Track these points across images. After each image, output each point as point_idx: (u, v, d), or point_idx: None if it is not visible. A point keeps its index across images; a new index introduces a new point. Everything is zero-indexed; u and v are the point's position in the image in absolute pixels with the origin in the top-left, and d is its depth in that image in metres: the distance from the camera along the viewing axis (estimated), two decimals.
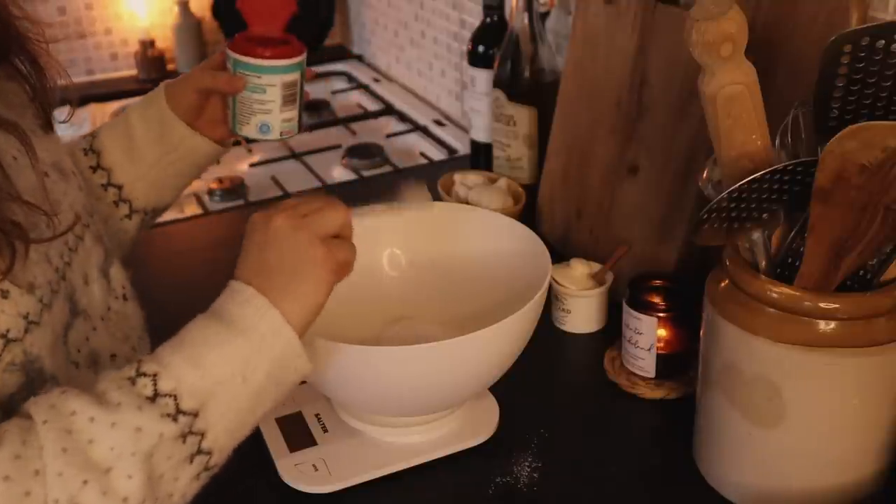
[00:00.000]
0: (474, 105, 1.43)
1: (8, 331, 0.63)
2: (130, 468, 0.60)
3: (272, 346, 0.66)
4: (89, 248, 0.78)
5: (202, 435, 0.63)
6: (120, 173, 0.94)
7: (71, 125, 0.88)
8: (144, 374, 0.62)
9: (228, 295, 0.68)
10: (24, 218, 0.65)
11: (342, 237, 0.73)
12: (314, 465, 0.86)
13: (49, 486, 0.58)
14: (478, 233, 0.98)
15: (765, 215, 0.75)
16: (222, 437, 0.65)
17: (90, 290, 0.77)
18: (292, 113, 0.93)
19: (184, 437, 0.62)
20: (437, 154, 1.66)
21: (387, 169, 1.60)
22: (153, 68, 2.08)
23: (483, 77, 1.39)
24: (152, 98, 0.95)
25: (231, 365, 0.64)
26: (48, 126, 0.80)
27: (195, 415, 0.63)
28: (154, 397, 0.62)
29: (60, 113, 0.85)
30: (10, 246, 0.62)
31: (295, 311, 0.68)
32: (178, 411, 0.62)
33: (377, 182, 1.55)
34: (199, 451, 0.64)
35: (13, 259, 0.62)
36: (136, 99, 0.99)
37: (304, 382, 0.89)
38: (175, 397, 0.62)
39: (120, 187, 0.94)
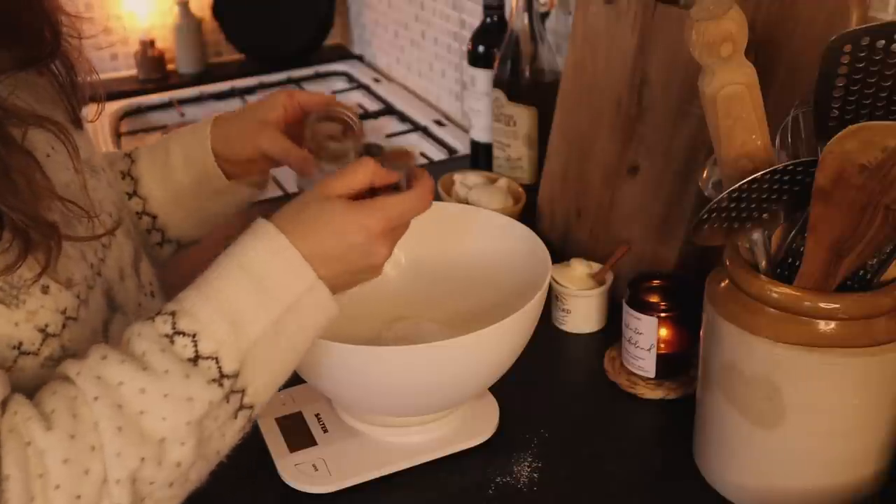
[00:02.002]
0: (474, 105, 1.43)
1: (46, 325, 0.64)
2: (184, 436, 0.62)
3: (305, 304, 0.67)
4: (122, 243, 0.78)
5: (243, 391, 0.65)
6: (155, 204, 0.91)
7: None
8: (183, 334, 0.63)
9: (256, 239, 0.67)
10: (61, 216, 0.66)
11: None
12: (314, 465, 0.86)
13: (109, 466, 0.59)
14: (478, 233, 0.98)
15: (765, 215, 0.75)
16: (261, 390, 0.66)
17: (125, 285, 0.78)
18: None
19: (227, 397, 0.64)
20: (437, 154, 1.66)
21: None
22: (153, 68, 2.08)
23: (483, 77, 1.39)
24: (198, 137, 0.89)
25: (265, 323, 0.65)
26: (78, 123, 0.80)
27: (236, 376, 0.64)
28: (195, 359, 0.63)
29: (88, 111, 0.84)
30: (46, 244, 0.63)
31: (327, 277, 0.68)
32: (222, 375, 0.63)
33: None
34: (242, 407, 0.65)
35: (49, 257, 0.63)
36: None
37: (303, 382, 0.90)
38: (217, 360, 0.63)
39: (154, 217, 0.92)
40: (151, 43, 2.08)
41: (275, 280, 0.65)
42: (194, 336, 0.63)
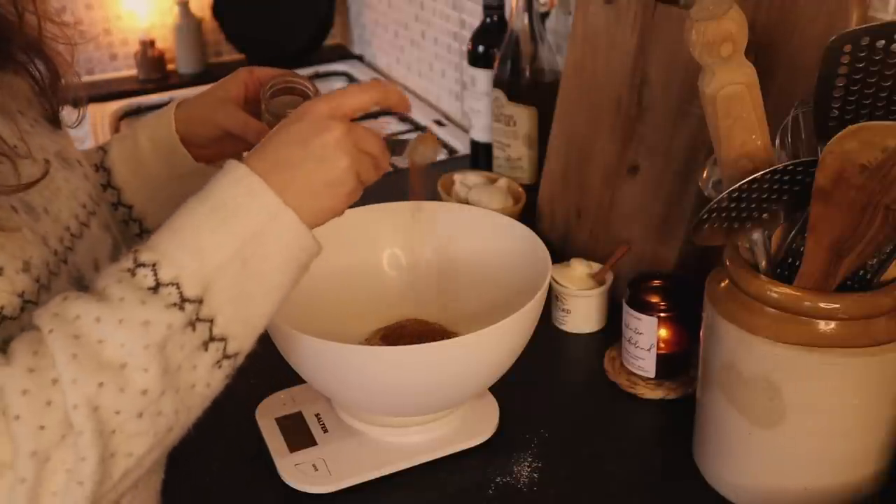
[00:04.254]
0: (474, 105, 1.43)
1: (2, 308, 0.63)
2: (145, 361, 0.60)
3: (270, 228, 0.65)
4: (96, 234, 0.78)
5: (211, 321, 0.63)
6: (130, 193, 0.91)
7: (72, 124, 0.88)
8: (143, 265, 0.62)
9: (221, 174, 0.66)
10: None
11: (376, 162, 0.71)
12: (314, 465, 0.86)
13: (66, 393, 0.58)
14: (478, 233, 0.98)
15: (765, 215, 0.75)
16: (234, 323, 0.64)
17: None
18: None
19: (192, 324, 0.62)
20: (437, 154, 1.66)
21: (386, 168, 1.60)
22: (153, 68, 2.08)
23: (483, 77, 1.39)
24: (163, 121, 0.90)
25: (226, 249, 0.63)
26: (55, 122, 0.80)
27: (199, 301, 0.62)
28: (156, 287, 0.61)
29: (70, 115, 0.83)
30: None
31: (294, 203, 0.66)
32: (183, 300, 0.61)
33: (377, 182, 1.54)
34: (213, 338, 0.63)
35: None
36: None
37: (303, 382, 0.90)
38: (178, 285, 0.61)
39: (131, 207, 0.92)
40: (151, 43, 2.08)
41: (236, 207, 0.64)
42: (154, 265, 0.61)
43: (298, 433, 0.89)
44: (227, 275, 0.63)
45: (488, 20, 1.39)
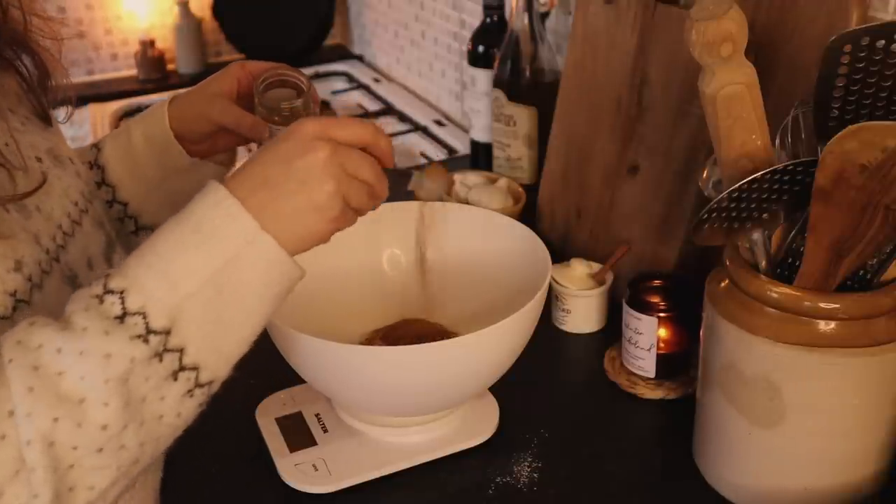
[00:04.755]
0: (474, 105, 1.43)
1: None
2: (105, 395, 0.57)
3: (245, 255, 0.61)
4: (89, 232, 0.77)
5: (181, 351, 0.60)
6: (125, 191, 0.91)
7: (71, 124, 0.88)
8: (112, 292, 0.59)
9: (201, 195, 0.63)
10: None
11: (370, 188, 0.67)
12: (314, 465, 0.86)
13: (20, 427, 0.55)
14: (478, 233, 0.98)
15: (765, 215, 0.75)
16: (206, 352, 0.61)
17: (94, 274, 0.76)
18: None
19: (158, 356, 0.59)
20: (437, 154, 1.66)
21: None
22: (153, 68, 2.08)
23: (483, 77, 1.39)
24: (157, 117, 0.89)
25: (199, 276, 0.60)
26: (46, 119, 0.79)
27: (167, 332, 0.59)
28: (123, 316, 0.58)
29: (60, 112, 0.83)
30: None
31: (273, 230, 0.62)
32: (149, 331, 0.59)
33: None
34: (183, 368, 0.60)
35: None
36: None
37: (303, 382, 0.90)
38: (144, 315, 0.59)
39: (125, 204, 0.91)
40: (151, 43, 2.08)
41: (212, 231, 0.61)
42: (122, 293, 0.59)
43: (298, 433, 0.89)
44: (198, 302, 0.60)
45: (488, 20, 1.39)
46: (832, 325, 0.73)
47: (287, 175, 0.64)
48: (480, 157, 1.46)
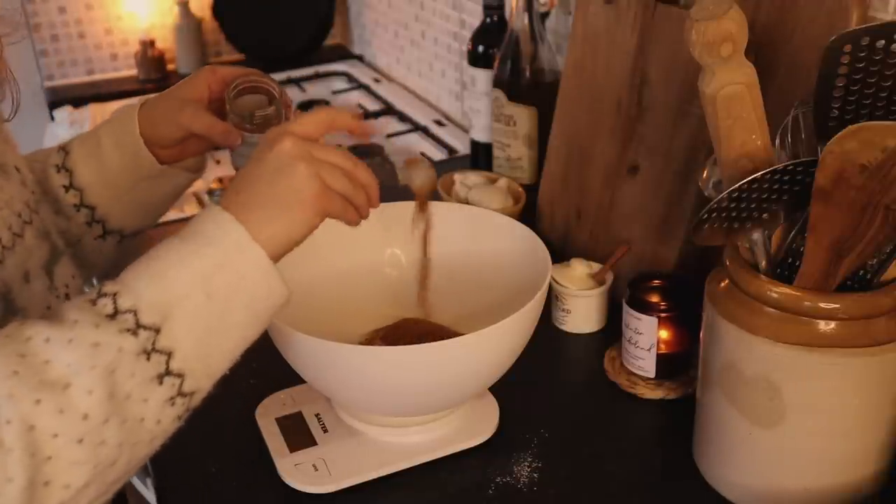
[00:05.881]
0: (474, 105, 1.43)
1: None
2: (90, 383, 0.57)
3: (235, 262, 0.63)
4: (30, 245, 0.76)
5: (169, 354, 0.61)
6: (92, 195, 0.90)
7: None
8: (105, 295, 0.61)
9: (198, 214, 0.66)
10: None
11: (345, 171, 0.70)
12: (314, 465, 0.86)
13: (0, 408, 0.55)
14: (478, 233, 0.98)
15: (765, 215, 0.75)
16: (193, 359, 0.62)
17: (30, 287, 0.75)
18: None
19: (147, 353, 0.60)
20: (437, 154, 1.66)
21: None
22: (153, 68, 2.08)
23: (483, 77, 1.39)
24: (126, 123, 0.89)
25: (190, 279, 0.62)
26: None
27: (157, 330, 0.60)
28: (114, 314, 0.60)
29: (6, 108, 0.80)
30: None
31: (265, 236, 0.65)
32: (138, 325, 0.60)
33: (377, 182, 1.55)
34: (168, 372, 0.61)
35: None
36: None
37: (303, 382, 0.90)
38: (134, 312, 0.60)
39: (93, 208, 0.90)
40: (151, 43, 2.08)
41: (204, 240, 0.63)
42: (115, 294, 0.61)
43: (298, 433, 0.89)
44: (189, 305, 0.61)
45: (488, 20, 1.39)
46: (832, 325, 0.73)
47: (261, 170, 0.67)
48: (480, 157, 1.46)
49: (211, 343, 0.63)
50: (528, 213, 1.26)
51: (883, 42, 0.67)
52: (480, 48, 1.39)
